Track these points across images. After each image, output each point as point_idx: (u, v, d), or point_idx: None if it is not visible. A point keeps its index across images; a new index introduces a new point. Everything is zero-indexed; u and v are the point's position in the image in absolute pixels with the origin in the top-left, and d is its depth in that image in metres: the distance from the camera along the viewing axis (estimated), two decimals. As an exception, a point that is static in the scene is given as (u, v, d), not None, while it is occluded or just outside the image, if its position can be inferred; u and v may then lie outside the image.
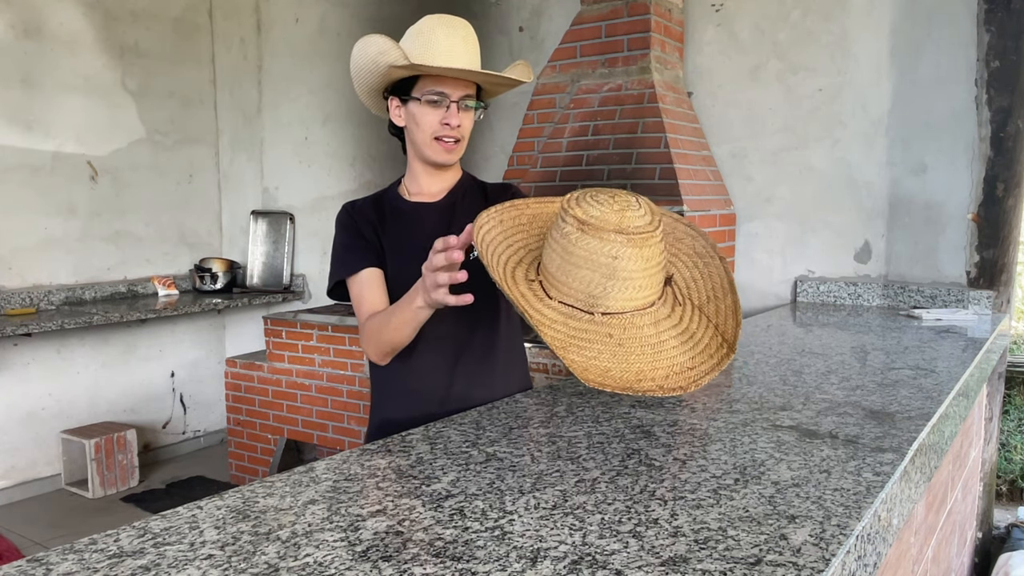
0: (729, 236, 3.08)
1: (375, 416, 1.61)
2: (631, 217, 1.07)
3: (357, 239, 1.52)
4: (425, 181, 1.57)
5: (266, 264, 4.52)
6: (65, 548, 0.81)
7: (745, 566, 0.76)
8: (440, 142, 1.49)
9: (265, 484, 0.99)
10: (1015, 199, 2.60)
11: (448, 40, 1.43)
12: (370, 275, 1.50)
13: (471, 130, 1.53)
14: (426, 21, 1.47)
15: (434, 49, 1.42)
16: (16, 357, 3.77)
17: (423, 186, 1.58)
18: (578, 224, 1.06)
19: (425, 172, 1.56)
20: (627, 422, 1.28)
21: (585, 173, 2.94)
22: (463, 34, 1.46)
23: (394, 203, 1.58)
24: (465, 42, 1.46)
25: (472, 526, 0.86)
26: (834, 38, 2.87)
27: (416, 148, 1.53)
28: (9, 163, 3.74)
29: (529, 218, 1.26)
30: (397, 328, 1.39)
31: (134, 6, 4.20)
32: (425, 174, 1.57)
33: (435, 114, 1.46)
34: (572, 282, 1.08)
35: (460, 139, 1.50)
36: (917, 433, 1.22)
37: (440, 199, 1.58)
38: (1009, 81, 2.53)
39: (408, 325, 1.37)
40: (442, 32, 1.44)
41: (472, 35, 1.48)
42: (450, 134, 1.48)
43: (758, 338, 2.17)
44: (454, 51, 1.43)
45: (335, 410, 3.57)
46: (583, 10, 3.04)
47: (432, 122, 1.47)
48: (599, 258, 1.05)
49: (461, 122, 1.48)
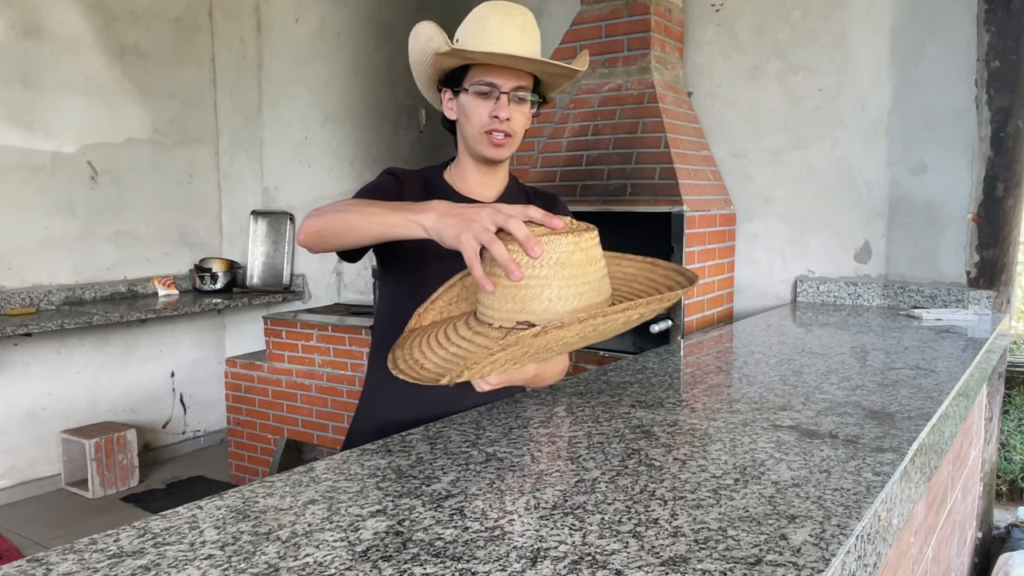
0: (729, 236, 3.08)
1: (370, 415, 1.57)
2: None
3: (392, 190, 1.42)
4: (474, 178, 1.49)
5: (266, 264, 4.52)
6: (65, 548, 0.81)
7: (745, 566, 0.76)
8: (490, 136, 1.38)
9: (265, 484, 0.99)
10: (1015, 199, 2.60)
11: (501, 27, 1.33)
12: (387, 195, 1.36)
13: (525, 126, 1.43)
14: (481, 8, 1.38)
15: (486, 36, 1.33)
16: (16, 357, 3.77)
17: (471, 183, 1.49)
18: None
19: (475, 168, 1.48)
20: (627, 422, 1.28)
21: (585, 173, 2.94)
22: (520, 22, 1.35)
23: (442, 190, 1.49)
24: (522, 30, 1.35)
25: (472, 526, 0.86)
26: (834, 38, 2.87)
27: (466, 142, 1.44)
28: (9, 163, 3.74)
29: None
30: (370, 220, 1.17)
31: (134, 6, 4.20)
32: (475, 170, 1.48)
33: (484, 106, 1.37)
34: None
35: (511, 134, 1.40)
36: (917, 433, 1.22)
37: (495, 199, 1.51)
38: (1009, 81, 2.53)
39: (385, 227, 1.15)
40: (496, 19, 1.34)
41: (531, 23, 1.38)
42: (499, 127, 1.37)
43: (758, 338, 2.17)
44: (506, 39, 1.33)
45: (335, 410, 3.57)
46: (583, 10, 3.04)
47: (481, 115, 1.37)
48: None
49: (511, 115, 1.37)
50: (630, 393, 1.48)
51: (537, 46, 1.38)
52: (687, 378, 1.71)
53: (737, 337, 2.22)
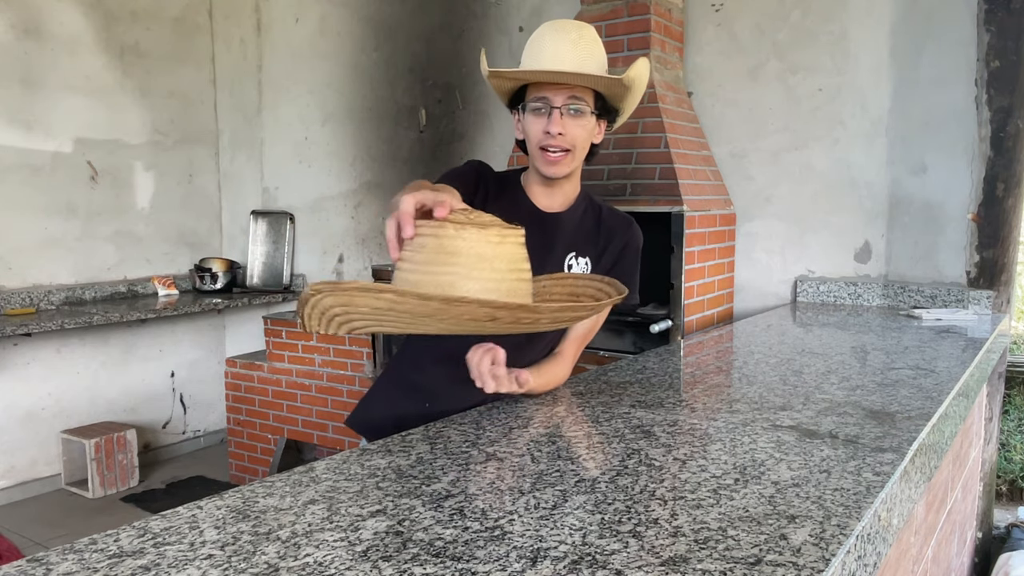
0: (729, 236, 3.08)
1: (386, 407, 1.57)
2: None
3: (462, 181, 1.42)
4: (540, 191, 1.49)
5: (266, 264, 4.52)
6: (65, 548, 0.81)
7: (745, 566, 0.76)
8: (544, 153, 1.38)
9: (265, 484, 0.99)
10: (1015, 199, 2.60)
11: (555, 44, 1.34)
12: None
13: (586, 139, 1.41)
14: (541, 27, 1.40)
15: (539, 55, 1.35)
16: (16, 357, 3.77)
17: (538, 194, 1.50)
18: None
19: (539, 182, 1.48)
20: (627, 422, 1.28)
21: (585, 173, 2.93)
22: (573, 37, 1.35)
23: (515, 192, 1.50)
24: (575, 45, 1.35)
25: (472, 526, 0.86)
26: (834, 38, 2.87)
27: (530, 159, 1.46)
28: (9, 163, 3.74)
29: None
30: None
31: (134, 6, 4.20)
32: (539, 184, 1.48)
33: (539, 123, 1.37)
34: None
35: (568, 149, 1.38)
36: (917, 433, 1.22)
37: (560, 212, 1.51)
38: (1009, 81, 2.53)
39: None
40: (549, 36, 1.36)
41: (586, 37, 1.37)
42: (552, 143, 1.37)
43: (758, 338, 2.17)
44: (559, 55, 1.33)
45: (335, 410, 3.57)
46: (583, 10, 3.04)
47: (536, 132, 1.38)
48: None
49: (564, 130, 1.36)
50: (630, 393, 1.48)
51: (595, 58, 1.36)
52: (687, 378, 1.71)
53: (737, 337, 2.22)
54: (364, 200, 4.14)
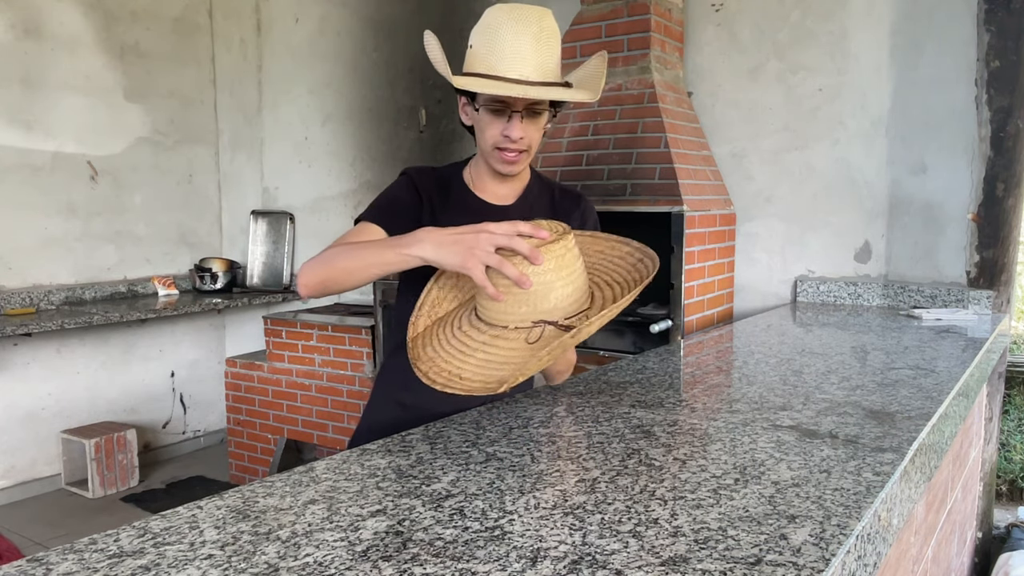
0: (729, 236, 3.08)
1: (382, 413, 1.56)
2: None
3: (400, 201, 1.41)
4: (490, 181, 1.47)
5: (266, 264, 4.52)
6: (65, 548, 0.81)
7: (745, 566, 0.76)
8: (502, 153, 1.36)
9: (265, 484, 0.99)
10: (1015, 199, 2.60)
11: (515, 40, 1.25)
12: (375, 234, 1.37)
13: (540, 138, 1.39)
14: (494, 12, 1.29)
15: (498, 51, 1.26)
16: (16, 357, 3.77)
17: (488, 185, 1.48)
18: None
19: (491, 175, 1.46)
20: (627, 422, 1.28)
21: (585, 173, 2.94)
22: (534, 31, 1.27)
23: (460, 191, 1.47)
24: (537, 40, 1.27)
25: (472, 526, 0.86)
26: (834, 38, 2.87)
27: (481, 152, 1.42)
28: (9, 163, 3.74)
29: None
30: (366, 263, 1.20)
31: (134, 6, 4.20)
32: (491, 177, 1.46)
33: (497, 124, 1.33)
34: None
35: (526, 150, 1.37)
36: (917, 433, 1.22)
37: (512, 203, 1.49)
38: (1009, 81, 2.53)
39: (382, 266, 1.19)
40: (509, 31, 1.26)
41: (547, 30, 1.29)
42: (512, 147, 1.35)
43: (758, 338, 2.17)
44: (521, 51, 1.25)
45: (335, 410, 3.57)
46: (583, 10, 3.04)
47: (494, 133, 1.34)
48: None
49: (525, 132, 1.34)
50: (630, 393, 1.48)
51: (553, 55, 1.31)
52: (687, 378, 1.71)
53: (737, 337, 2.22)
54: (364, 200, 4.15)
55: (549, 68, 1.30)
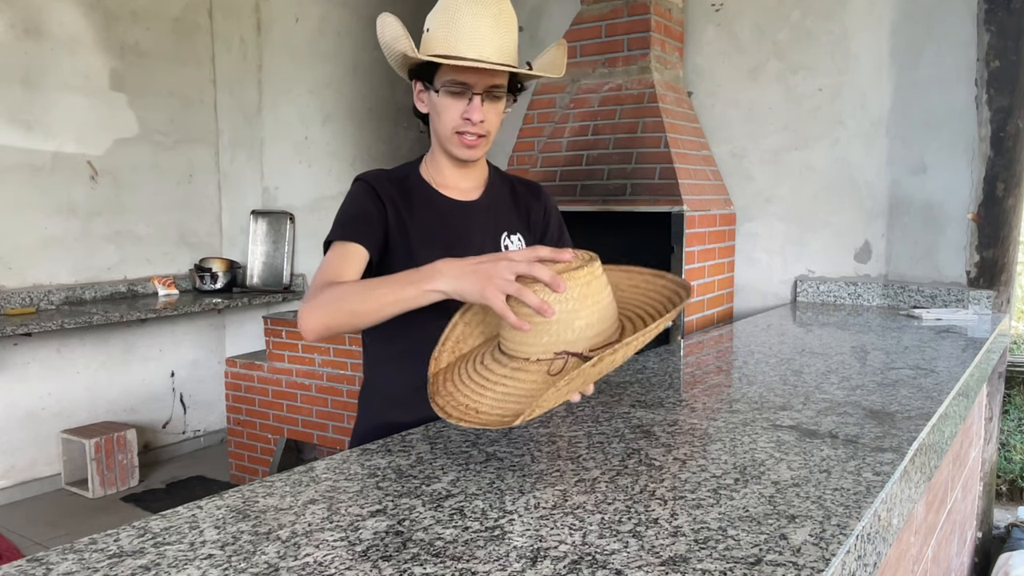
0: (729, 236, 3.08)
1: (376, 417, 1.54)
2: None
3: (368, 213, 1.39)
4: (450, 174, 1.45)
5: (266, 264, 4.52)
6: (65, 548, 0.81)
7: (745, 566, 0.76)
8: (462, 137, 1.34)
9: (265, 484, 0.99)
10: (1015, 199, 2.60)
11: (474, 21, 1.25)
12: (357, 253, 1.33)
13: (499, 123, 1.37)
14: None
15: (457, 32, 1.25)
16: (16, 357, 3.77)
17: (448, 179, 1.46)
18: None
19: (450, 165, 1.44)
20: (627, 422, 1.28)
21: (585, 173, 2.94)
22: (493, 13, 1.27)
23: (423, 190, 1.45)
24: (496, 22, 1.27)
25: (472, 526, 0.86)
26: (834, 38, 2.87)
27: (439, 140, 1.40)
28: (9, 163, 3.74)
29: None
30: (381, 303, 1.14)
31: (134, 6, 4.20)
32: (450, 167, 1.44)
33: (456, 107, 1.31)
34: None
35: (485, 135, 1.35)
36: (917, 433, 1.22)
37: (477, 198, 1.48)
38: (1009, 81, 2.53)
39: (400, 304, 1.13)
40: (467, 10, 1.26)
41: (506, 12, 1.29)
42: (472, 130, 1.33)
43: (758, 338, 2.17)
44: (480, 33, 1.25)
45: (335, 410, 3.57)
46: (583, 10, 3.04)
47: (453, 116, 1.32)
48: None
49: (485, 116, 1.32)
50: (630, 393, 1.48)
51: (513, 38, 1.31)
52: (687, 378, 1.71)
53: (737, 337, 2.22)
54: (364, 200, 4.14)
55: (508, 51, 1.29)
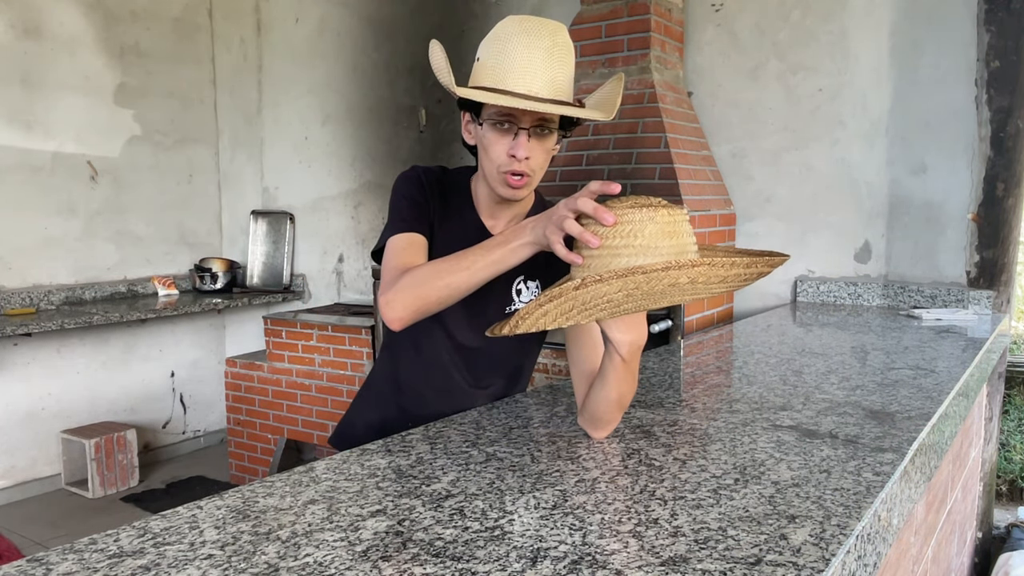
0: (729, 236, 3.08)
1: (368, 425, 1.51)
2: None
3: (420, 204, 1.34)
4: (486, 204, 1.38)
5: (266, 264, 4.52)
6: (65, 548, 0.81)
7: (745, 566, 0.76)
8: (508, 177, 1.25)
9: (265, 484, 0.99)
10: (1015, 199, 2.60)
11: (526, 54, 1.18)
12: (421, 242, 1.30)
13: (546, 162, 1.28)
14: (506, 24, 1.22)
15: (507, 64, 1.19)
16: (16, 357, 3.77)
17: (483, 207, 1.38)
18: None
19: (491, 199, 1.36)
20: (627, 422, 1.28)
21: (585, 173, 2.94)
22: (547, 45, 1.19)
23: (463, 207, 1.39)
24: (549, 55, 1.19)
25: (472, 526, 0.86)
26: (834, 38, 2.87)
27: (484, 175, 1.31)
28: (9, 163, 3.74)
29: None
30: (473, 270, 1.12)
31: (134, 6, 4.20)
32: (492, 201, 1.36)
33: (502, 143, 1.24)
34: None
35: (530, 173, 1.25)
36: (917, 433, 1.22)
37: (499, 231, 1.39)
38: (1009, 81, 2.53)
39: (494, 266, 1.12)
40: (520, 43, 1.19)
41: (560, 46, 1.21)
42: (516, 168, 1.24)
43: (758, 338, 2.17)
44: (532, 67, 1.18)
45: (335, 410, 3.57)
46: (583, 10, 3.04)
47: (499, 153, 1.24)
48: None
49: (531, 154, 1.23)
50: (630, 393, 1.48)
51: (567, 72, 1.23)
52: (687, 378, 1.71)
53: (737, 337, 2.22)
54: (364, 200, 4.14)
55: (560, 85, 1.22)
